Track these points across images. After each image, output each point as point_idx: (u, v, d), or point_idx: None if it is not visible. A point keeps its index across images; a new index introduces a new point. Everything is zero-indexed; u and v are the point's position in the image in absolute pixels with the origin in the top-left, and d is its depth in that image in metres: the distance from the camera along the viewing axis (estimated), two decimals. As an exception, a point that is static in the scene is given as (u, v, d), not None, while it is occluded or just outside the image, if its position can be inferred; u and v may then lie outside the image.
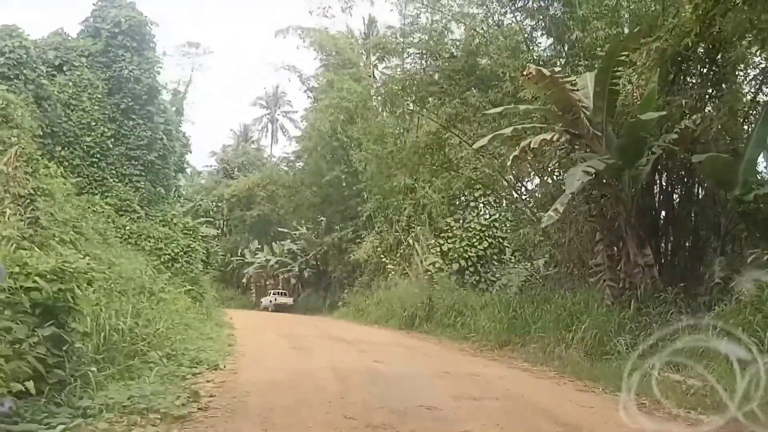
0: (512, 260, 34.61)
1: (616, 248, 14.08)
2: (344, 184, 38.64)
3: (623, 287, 13.63)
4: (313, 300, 45.10)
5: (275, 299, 46.99)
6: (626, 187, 13.92)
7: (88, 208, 18.36)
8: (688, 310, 11.97)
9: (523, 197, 21.56)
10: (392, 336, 20.75)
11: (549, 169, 17.95)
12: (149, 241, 18.57)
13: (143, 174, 21.99)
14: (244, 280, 54.45)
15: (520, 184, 21.27)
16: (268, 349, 14.08)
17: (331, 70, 34.93)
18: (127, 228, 18.53)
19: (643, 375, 7.65)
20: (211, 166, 68.57)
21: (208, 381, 8.64)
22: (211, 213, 60.65)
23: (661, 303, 12.39)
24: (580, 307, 13.66)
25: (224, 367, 9.97)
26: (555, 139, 14.44)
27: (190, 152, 69.11)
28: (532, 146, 14.27)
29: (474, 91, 19.93)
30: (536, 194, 20.22)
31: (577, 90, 13.80)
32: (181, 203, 42.17)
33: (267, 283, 52.62)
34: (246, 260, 54.65)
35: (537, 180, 21.53)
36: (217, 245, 59.96)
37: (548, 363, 12.51)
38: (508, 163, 18.90)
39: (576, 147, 14.92)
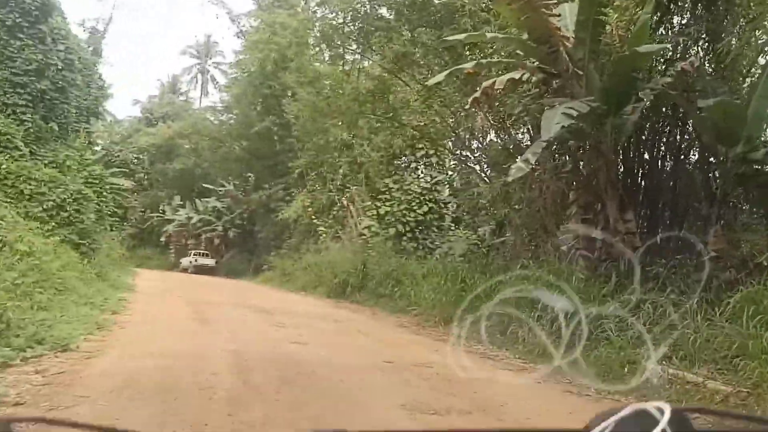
0: (452, 227, 32.62)
1: (592, 212, 11.76)
2: (275, 138, 35.45)
3: (600, 258, 11.35)
4: (238, 262, 42.03)
5: (196, 260, 43.93)
6: (608, 138, 11.57)
7: (-51, 139, 14.91)
8: (680, 288, 9.79)
9: (475, 155, 19.10)
10: (320, 306, 18.17)
11: (509, 121, 15.45)
12: (29, 184, 15.24)
13: (30, 105, 18.33)
14: (163, 239, 50.65)
15: (472, 139, 18.78)
16: (160, 320, 11.24)
17: (265, 10, 31.46)
18: (3, 167, 15.12)
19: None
20: (133, 116, 63.81)
21: (36, 371, 5.82)
22: (130, 164, 56.53)
23: (647, 279, 10.15)
24: (547, 281, 11.32)
25: (77, 347, 7.11)
26: (525, 78, 12.00)
27: (110, 97, 64.32)
28: (496, 87, 11.81)
29: (426, 29, 17.23)
30: (490, 151, 17.76)
31: (557, 15, 11.29)
32: (93, 151, 38.27)
33: (188, 242, 49.05)
34: (166, 217, 50.85)
35: (491, 136, 19.21)
36: (135, 200, 56.11)
37: (511, 347, 10.17)
38: (463, 111, 16.54)
39: (549, 90, 12.49)
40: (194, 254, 44.79)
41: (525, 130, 15.95)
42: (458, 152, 20.75)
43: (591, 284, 10.64)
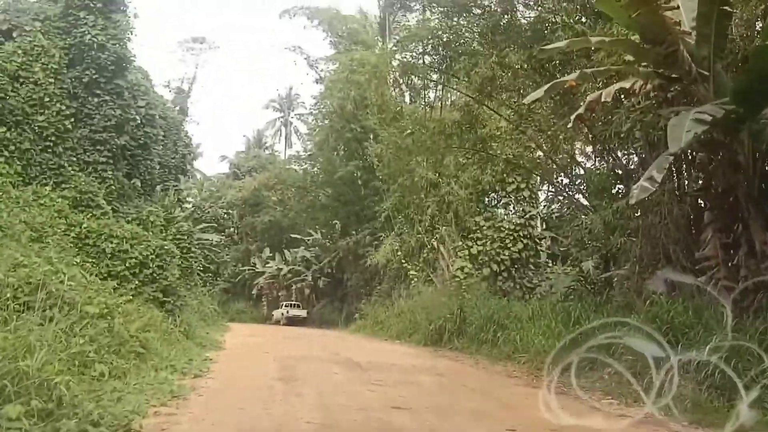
0: (549, 264, 30.62)
1: (732, 234, 9.94)
2: (359, 182, 34.73)
3: (747, 289, 9.48)
4: (329, 312, 41.26)
5: (288, 312, 43.73)
6: (745, 148, 9.81)
7: (35, 200, 14.64)
8: None
9: (575, 182, 17.40)
10: (417, 355, 16.74)
11: (615, 140, 13.77)
12: (111, 242, 14.76)
13: (111, 162, 18.16)
14: (254, 292, 50.68)
15: (572, 164, 17.12)
16: (242, 384, 10.15)
17: (342, 52, 31.05)
18: (84, 226, 14.72)
19: None
20: (221, 172, 65.16)
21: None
22: (220, 220, 57.39)
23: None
24: (686, 319, 9.57)
25: (140, 427, 6.02)
26: (638, 87, 10.45)
27: (199, 156, 66.10)
28: (603, 100, 10.34)
29: (514, 49, 15.94)
30: (593, 177, 16.02)
31: (675, 8, 9.76)
32: (182, 207, 38.72)
33: (279, 294, 48.98)
34: (257, 270, 50.96)
35: (591, 161, 17.52)
36: (227, 255, 56.72)
37: (650, 400, 8.42)
38: (561, 134, 15.03)
39: (666, 98, 10.87)
40: (285, 306, 44.48)
41: (632, 151, 14.28)
42: (557, 180, 18.99)
43: (743, 321, 8.80)
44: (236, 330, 29.16)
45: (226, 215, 59.14)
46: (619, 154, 14.45)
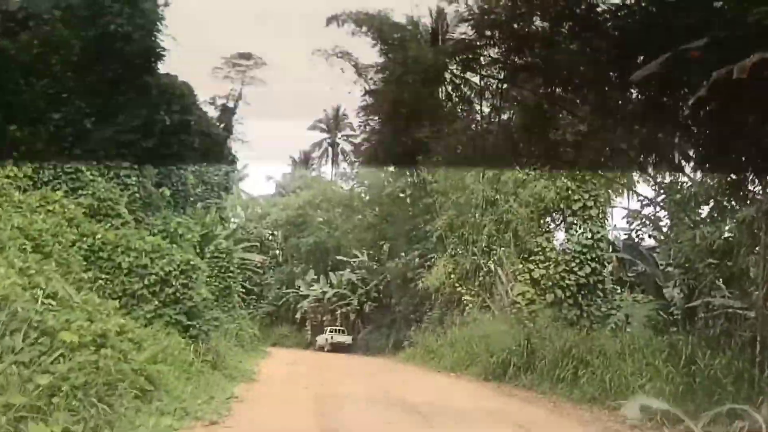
0: (618, 290, 27.77)
1: None
2: (409, 200, 32.51)
3: None
4: (375, 338, 38.86)
5: (332, 338, 41.24)
6: None
7: (41, 206, 12.78)
8: None
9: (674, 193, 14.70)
10: (481, 394, 14.30)
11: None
12: (128, 256, 12.79)
13: (135, 168, 16.33)
14: (298, 316, 48.60)
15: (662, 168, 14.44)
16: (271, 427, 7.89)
17: (391, 62, 28.97)
18: (98, 237, 12.80)
19: None
20: (267, 193, 63.70)
21: None
22: (264, 240, 55.85)
23: None
24: None
25: None
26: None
27: (246, 177, 64.83)
28: (735, 76, 7.90)
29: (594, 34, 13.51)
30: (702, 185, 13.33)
31: None
32: (224, 226, 37.13)
33: (323, 318, 46.68)
34: (301, 293, 48.94)
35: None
36: (271, 277, 54.97)
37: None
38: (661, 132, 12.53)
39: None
40: (330, 331, 42.25)
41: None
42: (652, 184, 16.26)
43: None
44: (276, 356, 27.07)
45: (270, 236, 57.82)
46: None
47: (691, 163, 12.93)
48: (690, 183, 13.32)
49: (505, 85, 17.31)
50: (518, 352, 17.00)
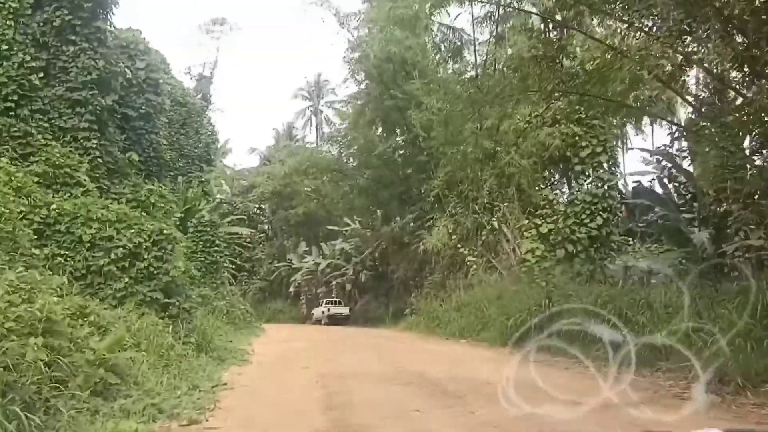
0: (629, 241, 26.12)
1: None
2: (401, 159, 30.61)
3: None
4: (374, 308, 37.35)
5: (328, 309, 39.84)
6: None
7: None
8: None
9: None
10: (504, 362, 12.54)
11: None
12: (90, 227, 10.89)
13: (95, 129, 14.26)
14: (292, 290, 46.99)
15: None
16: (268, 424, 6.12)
17: (375, 8, 26.60)
18: (53, 207, 10.87)
19: None
20: (251, 166, 61.62)
21: None
22: (252, 215, 53.93)
23: None
24: None
25: None
26: None
27: (230, 152, 62.56)
28: None
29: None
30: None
31: None
32: (207, 199, 35.10)
33: (318, 291, 45.28)
34: (293, 266, 47.27)
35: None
36: (262, 252, 53.12)
37: None
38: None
39: None
40: (326, 303, 40.94)
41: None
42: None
43: None
44: (271, 333, 25.34)
45: (258, 210, 55.80)
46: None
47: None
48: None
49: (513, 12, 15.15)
50: (539, 312, 15.26)
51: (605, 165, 24.34)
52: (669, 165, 19.55)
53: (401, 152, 30.25)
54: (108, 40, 14.56)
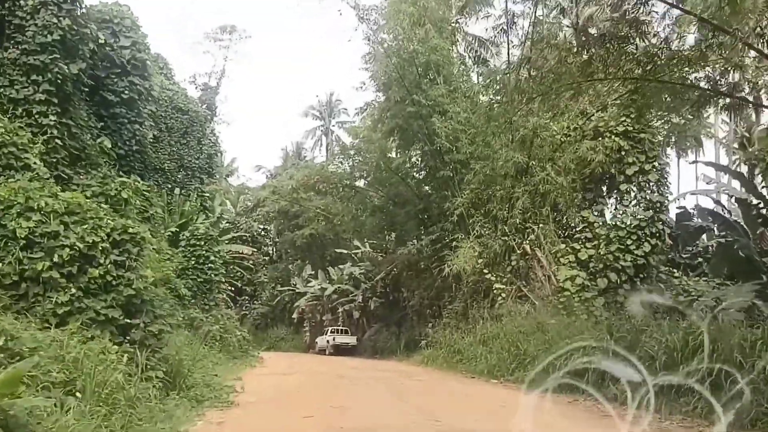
0: (675, 273, 23.14)
1: None
2: (421, 174, 27.84)
3: None
4: (384, 338, 34.37)
5: (334, 339, 37.28)
6: None
7: None
8: None
9: None
10: (565, 413, 9.58)
11: None
12: (28, 220, 8.13)
13: (55, 103, 11.49)
14: (294, 316, 44.14)
15: None
16: None
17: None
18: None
19: None
20: (258, 184, 59.04)
21: None
22: (256, 236, 51.41)
23: None
24: None
25: None
26: None
27: (236, 171, 59.90)
28: None
29: None
30: None
31: None
32: (207, 213, 32.54)
33: (323, 318, 42.36)
34: (297, 290, 44.38)
35: None
36: (264, 275, 50.26)
37: None
38: None
39: None
40: (331, 332, 38.28)
41: None
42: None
43: None
44: (270, 363, 22.48)
45: (262, 231, 53.12)
46: None
47: None
48: None
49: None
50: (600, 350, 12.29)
51: (654, 184, 21.48)
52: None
53: (422, 165, 27.45)
54: (72, -2, 11.87)
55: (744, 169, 32.75)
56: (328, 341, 37.41)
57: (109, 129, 14.37)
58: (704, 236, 24.20)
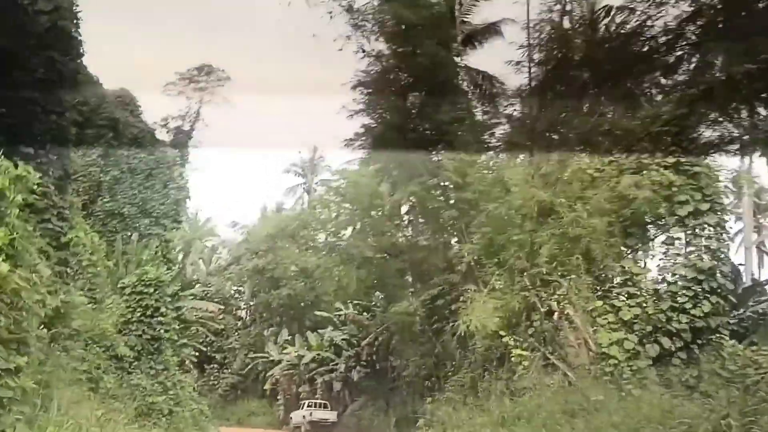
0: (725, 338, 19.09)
1: None
2: (422, 216, 23.91)
3: None
4: (370, 415, 30.67)
5: (311, 414, 33.61)
6: None
7: None
8: None
9: None
10: None
11: None
12: None
13: None
14: (266, 387, 39.58)
15: None
16: None
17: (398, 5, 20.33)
18: None
19: None
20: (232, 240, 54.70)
21: None
22: (228, 298, 47.24)
23: None
24: None
25: None
26: None
27: (211, 231, 55.25)
28: None
29: None
30: None
31: None
32: (169, 265, 28.36)
33: (300, 390, 38.11)
34: (272, 358, 39.78)
35: None
36: (236, 341, 45.73)
37: None
38: None
39: None
40: (308, 406, 34.40)
41: None
42: None
43: None
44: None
45: (236, 293, 49.06)
46: None
47: None
48: None
49: None
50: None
51: (712, 228, 17.58)
52: None
53: (420, 206, 23.51)
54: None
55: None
56: (304, 416, 33.66)
57: (13, 117, 10.30)
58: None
